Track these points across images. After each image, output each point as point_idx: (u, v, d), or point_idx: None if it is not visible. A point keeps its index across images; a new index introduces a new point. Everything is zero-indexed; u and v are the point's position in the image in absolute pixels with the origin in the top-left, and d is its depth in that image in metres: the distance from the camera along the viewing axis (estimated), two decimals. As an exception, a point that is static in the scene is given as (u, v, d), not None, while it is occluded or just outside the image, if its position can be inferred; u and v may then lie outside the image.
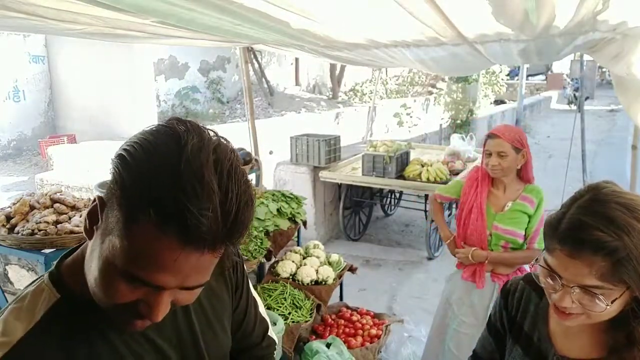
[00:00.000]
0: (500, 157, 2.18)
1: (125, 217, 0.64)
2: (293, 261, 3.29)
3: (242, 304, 1.03)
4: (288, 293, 2.95)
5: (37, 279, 0.80)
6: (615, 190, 0.91)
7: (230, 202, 0.64)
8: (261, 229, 3.12)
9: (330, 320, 3.06)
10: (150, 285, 0.67)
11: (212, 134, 0.70)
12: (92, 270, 0.70)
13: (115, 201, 0.66)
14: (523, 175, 2.28)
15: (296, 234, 3.60)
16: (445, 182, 4.64)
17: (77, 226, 2.22)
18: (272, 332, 1.16)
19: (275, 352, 1.19)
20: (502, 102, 14.68)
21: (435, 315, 2.63)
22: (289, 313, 2.84)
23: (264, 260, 3.16)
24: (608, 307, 0.87)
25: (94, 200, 0.71)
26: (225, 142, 0.70)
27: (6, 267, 3.19)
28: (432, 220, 4.82)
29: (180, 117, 0.70)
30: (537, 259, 0.99)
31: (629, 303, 0.90)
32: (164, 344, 0.84)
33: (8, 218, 2.30)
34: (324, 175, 5.00)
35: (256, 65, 10.01)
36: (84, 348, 0.74)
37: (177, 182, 0.62)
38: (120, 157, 0.67)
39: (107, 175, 0.70)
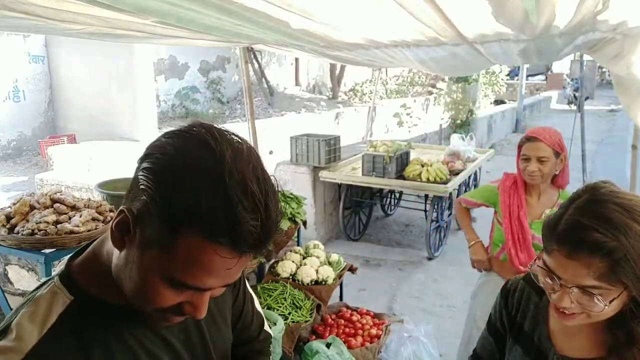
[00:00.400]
0: (541, 163, 2.02)
1: (171, 231, 0.65)
2: (293, 261, 3.29)
3: (239, 298, 1.05)
4: (288, 293, 2.95)
5: (46, 282, 0.79)
6: (613, 190, 0.91)
7: (270, 207, 0.67)
8: (261, 229, 3.12)
9: (330, 320, 3.06)
10: (193, 290, 0.69)
11: (235, 138, 0.71)
12: (132, 279, 0.70)
13: (155, 215, 0.65)
14: (558, 180, 2.14)
15: (296, 234, 3.60)
16: (445, 182, 4.65)
17: (77, 226, 2.22)
18: (267, 327, 1.19)
19: (271, 346, 1.21)
20: (502, 102, 14.67)
21: (462, 336, 2.51)
22: (289, 313, 2.84)
23: (264, 260, 3.16)
24: (606, 307, 0.88)
25: (121, 212, 0.70)
26: (248, 145, 0.71)
27: (6, 267, 3.19)
28: (432, 220, 4.83)
29: (200, 122, 0.71)
30: (535, 259, 0.99)
31: (627, 303, 0.90)
32: (176, 343, 0.85)
33: (8, 218, 2.30)
34: (324, 175, 5.00)
35: (256, 65, 10.01)
36: (100, 349, 0.74)
37: (225, 196, 0.63)
38: (151, 170, 0.67)
39: (107, 175, 0.71)
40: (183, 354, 0.86)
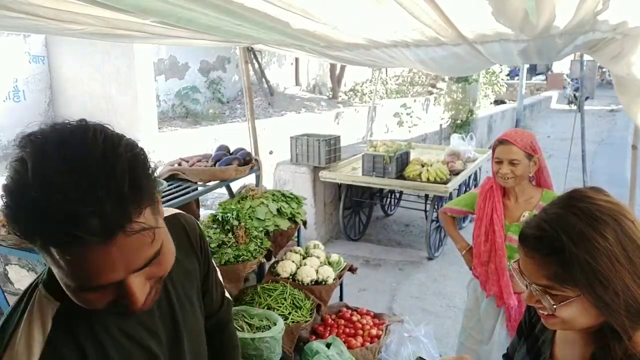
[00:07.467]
0: (513, 165, 2.06)
1: (44, 251, 0.68)
2: (293, 261, 3.29)
3: (208, 269, 1.10)
4: (288, 293, 2.95)
5: (30, 290, 0.82)
6: (589, 195, 0.91)
7: (80, 192, 0.62)
8: (261, 229, 3.12)
9: (330, 320, 3.06)
10: (107, 286, 0.70)
11: (38, 140, 0.68)
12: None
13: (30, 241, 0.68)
14: (540, 181, 2.16)
15: (296, 234, 3.59)
16: (445, 182, 4.64)
17: (77, 226, 2.22)
18: (227, 293, 1.23)
19: (231, 312, 1.26)
20: (502, 102, 14.68)
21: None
22: (289, 313, 2.84)
23: (264, 260, 3.16)
24: (554, 307, 0.89)
25: None
26: (62, 127, 0.69)
27: (6, 267, 3.19)
28: (433, 221, 4.83)
29: (26, 137, 0.70)
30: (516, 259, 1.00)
31: (596, 315, 0.89)
32: (157, 329, 0.91)
33: (8, 218, 2.30)
34: (324, 175, 5.00)
35: (256, 65, 10.02)
36: (93, 346, 0.80)
37: (35, 210, 0.62)
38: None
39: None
40: (163, 339, 0.91)
